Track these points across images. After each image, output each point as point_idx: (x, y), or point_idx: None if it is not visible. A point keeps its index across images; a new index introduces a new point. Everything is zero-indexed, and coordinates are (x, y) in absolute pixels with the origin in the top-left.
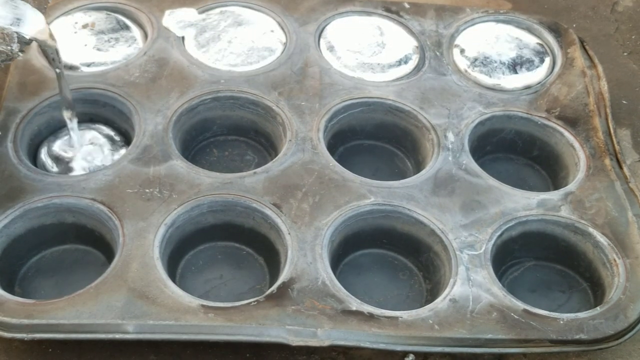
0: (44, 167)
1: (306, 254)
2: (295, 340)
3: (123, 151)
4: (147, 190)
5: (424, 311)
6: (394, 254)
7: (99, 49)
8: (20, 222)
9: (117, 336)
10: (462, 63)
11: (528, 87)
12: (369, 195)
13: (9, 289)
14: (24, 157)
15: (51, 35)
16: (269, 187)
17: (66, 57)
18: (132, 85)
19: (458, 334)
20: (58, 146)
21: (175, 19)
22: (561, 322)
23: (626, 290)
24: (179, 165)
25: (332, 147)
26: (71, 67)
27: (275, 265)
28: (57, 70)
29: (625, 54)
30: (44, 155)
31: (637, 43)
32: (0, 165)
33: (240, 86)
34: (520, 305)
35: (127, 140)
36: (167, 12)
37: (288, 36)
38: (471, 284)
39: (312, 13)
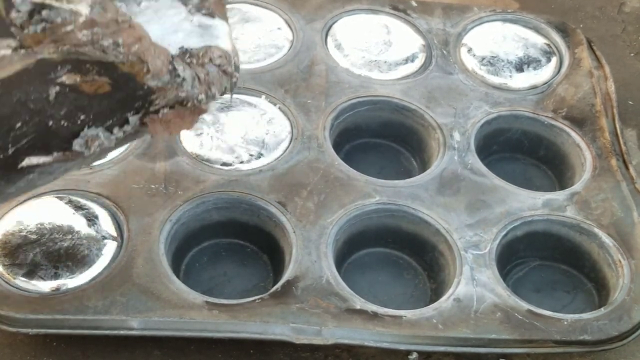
0: None
1: (311, 253)
2: (299, 338)
3: None
4: (153, 186)
5: (428, 310)
6: (398, 253)
7: None
8: None
9: (122, 332)
10: (469, 62)
11: (535, 87)
12: (374, 194)
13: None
14: None
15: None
16: (275, 185)
17: None
18: None
19: (462, 334)
20: None
21: None
22: (565, 322)
23: (630, 291)
24: (185, 161)
25: (337, 146)
26: None
27: (280, 263)
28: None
29: (632, 54)
30: None
31: None
32: None
33: (247, 83)
34: (525, 305)
35: None
36: None
37: (295, 34)
38: (475, 284)
39: (320, 11)
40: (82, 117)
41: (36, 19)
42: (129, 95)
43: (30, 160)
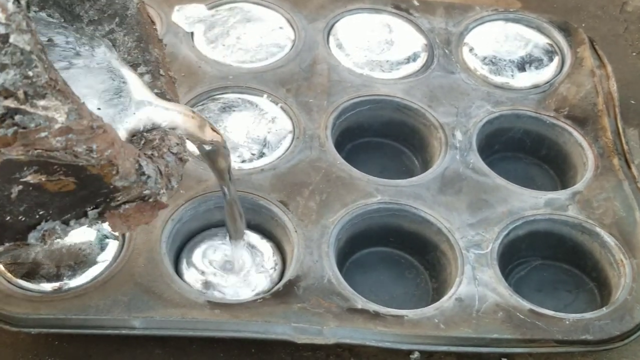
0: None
1: (312, 252)
2: (301, 338)
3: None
4: None
5: (430, 310)
6: (400, 253)
7: None
8: None
9: (124, 331)
10: (471, 61)
11: (537, 86)
12: (375, 193)
13: None
14: None
15: (214, 129)
16: (277, 185)
17: None
18: None
19: (463, 333)
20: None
21: (184, 15)
22: (567, 322)
23: (632, 290)
24: None
25: (339, 145)
26: None
27: (281, 262)
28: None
29: (634, 54)
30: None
31: None
32: None
33: (249, 82)
34: (526, 305)
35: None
36: (177, 7)
37: (297, 33)
38: (477, 283)
39: (322, 10)
40: (42, 212)
41: (8, 123)
42: (92, 192)
43: None
